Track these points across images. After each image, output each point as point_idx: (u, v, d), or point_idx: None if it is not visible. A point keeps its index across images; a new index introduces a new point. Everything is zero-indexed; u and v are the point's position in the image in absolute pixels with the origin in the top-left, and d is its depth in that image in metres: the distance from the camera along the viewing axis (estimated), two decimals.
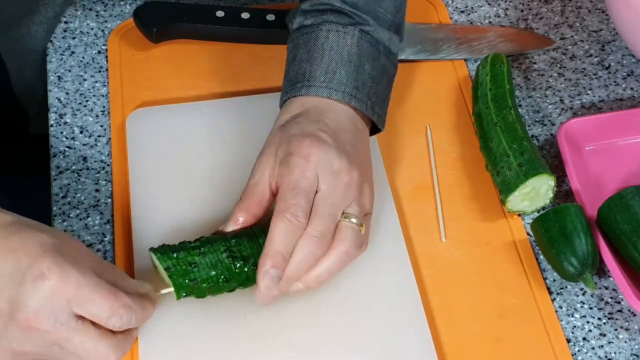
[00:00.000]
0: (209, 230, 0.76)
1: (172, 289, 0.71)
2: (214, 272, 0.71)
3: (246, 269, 0.72)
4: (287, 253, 0.70)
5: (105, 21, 0.99)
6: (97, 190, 0.85)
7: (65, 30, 0.98)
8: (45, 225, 0.67)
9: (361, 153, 0.76)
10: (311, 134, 0.73)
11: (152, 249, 0.73)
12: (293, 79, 0.78)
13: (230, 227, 0.73)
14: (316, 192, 0.71)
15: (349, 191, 0.72)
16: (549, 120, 0.92)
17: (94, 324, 0.65)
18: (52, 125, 0.90)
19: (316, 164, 0.71)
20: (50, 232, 0.66)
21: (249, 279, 0.73)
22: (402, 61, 0.95)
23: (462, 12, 1.01)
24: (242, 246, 0.72)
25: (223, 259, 0.72)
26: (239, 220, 0.73)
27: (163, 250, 0.72)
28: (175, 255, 0.71)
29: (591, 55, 0.97)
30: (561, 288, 0.80)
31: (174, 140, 0.86)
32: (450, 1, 1.02)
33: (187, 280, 0.71)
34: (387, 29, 0.81)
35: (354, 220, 0.72)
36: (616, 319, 0.78)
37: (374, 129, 0.81)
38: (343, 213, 0.72)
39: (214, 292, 0.73)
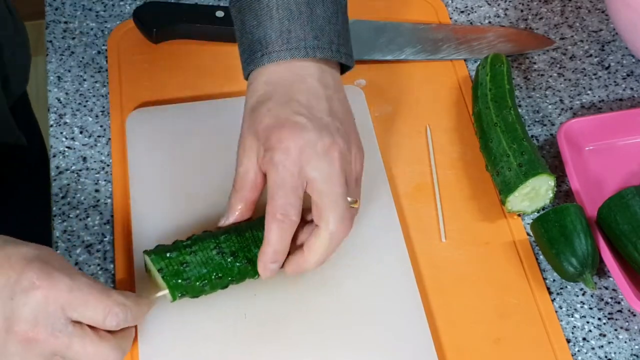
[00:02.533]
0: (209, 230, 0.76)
1: (167, 291, 0.72)
2: (205, 270, 0.72)
3: (237, 264, 0.73)
4: (285, 248, 0.71)
5: (105, 21, 0.99)
6: (97, 191, 0.85)
7: (65, 30, 0.98)
8: (30, 243, 0.66)
9: (339, 112, 0.74)
10: (286, 121, 0.71)
11: (145, 251, 0.73)
12: (249, 47, 0.75)
13: (231, 219, 0.73)
14: (307, 181, 0.70)
15: (341, 166, 0.71)
16: (549, 120, 0.92)
17: (91, 327, 0.65)
18: (52, 126, 0.90)
19: (299, 154, 0.70)
20: (33, 246, 0.65)
21: (241, 274, 0.73)
22: (402, 61, 0.96)
23: (462, 12, 1.01)
24: (231, 242, 0.73)
25: (213, 255, 0.72)
26: (238, 211, 0.73)
27: (157, 251, 0.72)
28: (168, 255, 0.72)
29: (591, 55, 0.97)
30: (561, 288, 0.80)
31: (174, 140, 0.86)
32: (450, 1, 1.02)
33: (180, 280, 0.71)
34: None
35: (349, 199, 0.72)
36: (616, 319, 0.78)
37: (344, 68, 0.79)
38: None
39: (208, 290, 0.73)
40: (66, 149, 0.88)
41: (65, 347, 0.64)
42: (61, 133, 0.89)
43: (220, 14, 0.95)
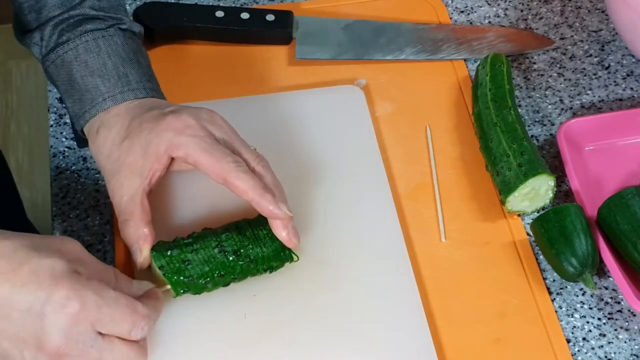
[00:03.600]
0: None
1: (169, 287, 0.72)
2: (207, 268, 0.72)
3: (240, 262, 0.73)
4: (261, 183, 0.73)
5: None
6: (97, 191, 0.85)
7: None
8: (49, 239, 0.67)
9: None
10: (165, 113, 0.74)
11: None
12: (84, 96, 0.78)
13: (145, 250, 0.73)
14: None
15: (225, 123, 0.76)
16: (549, 120, 0.92)
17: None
18: (52, 126, 0.90)
19: (197, 124, 0.73)
20: (56, 253, 0.65)
21: (243, 272, 0.74)
22: (402, 61, 0.96)
23: (462, 12, 1.01)
24: (232, 240, 0.73)
25: (215, 254, 0.73)
26: (148, 235, 0.73)
27: (158, 248, 0.73)
28: (169, 253, 0.72)
29: (591, 55, 0.97)
30: (561, 288, 0.80)
31: None
32: (450, 1, 1.02)
33: (182, 277, 0.72)
34: (130, 18, 0.83)
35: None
36: (616, 319, 0.78)
37: None
38: None
39: (210, 287, 0.73)
40: (66, 149, 0.88)
41: (96, 359, 0.65)
42: (61, 133, 0.89)
43: (220, 14, 0.95)
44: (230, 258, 0.73)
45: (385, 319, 0.75)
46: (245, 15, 0.96)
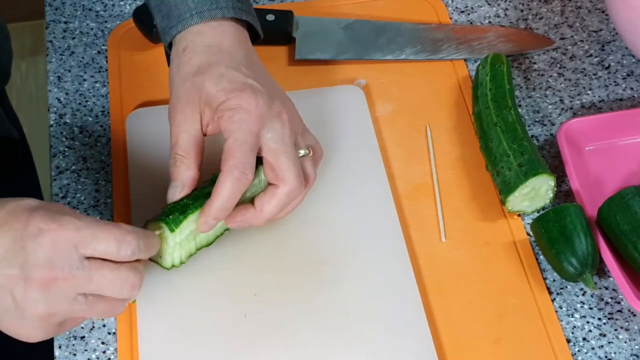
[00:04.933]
0: None
1: (164, 229, 0.72)
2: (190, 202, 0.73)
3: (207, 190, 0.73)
4: (232, 206, 0.72)
5: (105, 21, 0.99)
6: (97, 190, 0.85)
7: (65, 30, 0.98)
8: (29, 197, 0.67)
9: (269, 77, 0.78)
10: (244, 85, 0.73)
11: (147, 221, 0.74)
12: (173, 11, 0.76)
13: (186, 189, 0.74)
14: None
15: (291, 128, 0.75)
16: (549, 120, 0.92)
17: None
18: (52, 126, 0.90)
19: (259, 116, 0.73)
20: (34, 199, 0.65)
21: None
22: (402, 61, 0.96)
23: (462, 12, 1.01)
24: (209, 187, 0.74)
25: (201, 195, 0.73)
26: (191, 178, 0.74)
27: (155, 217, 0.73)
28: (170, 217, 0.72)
29: (591, 55, 0.97)
30: (561, 288, 0.80)
31: None
32: (450, 1, 1.02)
33: (177, 214, 0.72)
34: None
35: (301, 152, 0.76)
36: (616, 319, 0.78)
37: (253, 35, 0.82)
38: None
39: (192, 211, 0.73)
40: (66, 149, 0.88)
41: (86, 282, 0.64)
42: (61, 133, 0.89)
43: None
44: (207, 190, 0.73)
45: (385, 319, 0.75)
46: None
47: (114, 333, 0.76)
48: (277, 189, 0.74)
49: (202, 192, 0.74)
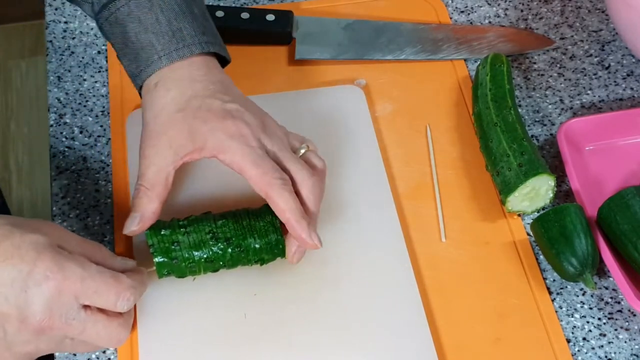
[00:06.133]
0: None
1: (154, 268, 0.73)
2: (195, 253, 0.73)
3: (229, 250, 0.73)
4: (302, 210, 0.73)
5: None
6: (97, 190, 0.85)
7: (65, 31, 0.98)
8: (30, 221, 0.67)
9: (242, 97, 0.78)
10: (224, 111, 0.74)
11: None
12: (139, 54, 0.76)
13: (147, 221, 0.73)
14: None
15: (279, 130, 0.76)
16: (549, 120, 0.92)
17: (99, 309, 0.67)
18: (51, 126, 0.90)
19: (254, 132, 0.73)
20: (40, 231, 0.66)
21: (233, 260, 0.74)
22: (402, 61, 0.96)
23: (462, 12, 1.01)
24: (227, 228, 0.73)
25: (207, 239, 0.73)
26: (153, 211, 0.73)
27: (154, 227, 0.73)
28: (162, 232, 0.73)
29: (591, 55, 0.97)
30: (561, 288, 0.80)
31: None
32: (450, 1, 1.02)
33: (166, 259, 0.72)
34: None
35: (302, 150, 0.77)
36: (616, 319, 0.78)
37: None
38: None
39: (195, 272, 0.74)
40: (66, 149, 0.88)
41: (78, 332, 0.66)
42: (61, 133, 0.89)
43: (220, 14, 0.95)
44: (221, 245, 0.73)
45: (386, 319, 0.75)
46: (245, 15, 0.96)
47: None
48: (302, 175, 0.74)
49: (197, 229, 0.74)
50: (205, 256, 0.73)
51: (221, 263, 0.74)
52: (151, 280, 0.74)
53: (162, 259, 0.72)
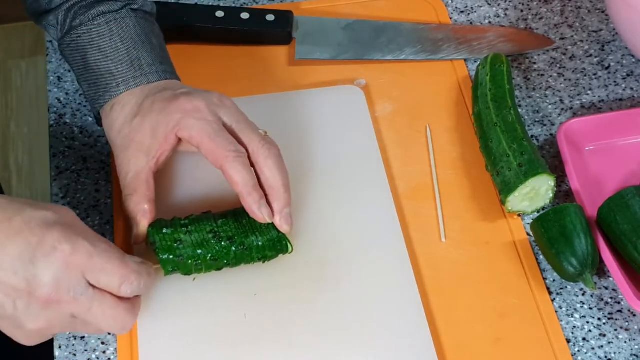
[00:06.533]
0: None
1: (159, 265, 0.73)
2: (199, 251, 0.73)
3: (234, 249, 0.73)
4: (256, 182, 0.73)
5: None
6: (97, 190, 0.85)
7: None
8: (43, 203, 0.68)
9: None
10: (177, 95, 0.75)
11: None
12: (99, 80, 0.78)
13: (144, 223, 0.74)
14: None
15: (238, 110, 0.77)
16: (549, 120, 0.92)
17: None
18: (52, 126, 0.90)
19: (206, 108, 0.74)
20: (50, 209, 0.66)
21: (237, 258, 0.74)
22: (402, 61, 0.96)
23: (462, 12, 1.01)
24: (228, 226, 0.74)
25: (209, 238, 0.73)
26: (147, 212, 0.74)
27: (155, 225, 0.74)
28: (163, 231, 0.73)
29: (591, 55, 0.97)
30: (561, 288, 0.80)
31: None
32: (450, 1, 1.02)
33: (172, 256, 0.72)
34: None
35: (260, 131, 0.77)
36: (616, 319, 0.78)
37: None
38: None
39: (201, 269, 0.74)
40: (66, 149, 0.88)
41: (86, 310, 0.66)
42: (61, 133, 0.89)
43: (220, 14, 0.95)
44: (224, 244, 0.73)
45: (385, 319, 0.75)
46: (245, 15, 0.96)
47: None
48: (257, 144, 0.74)
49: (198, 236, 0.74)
50: (209, 255, 0.73)
51: (225, 261, 0.74)
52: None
53: (167, 256, 0.72)
